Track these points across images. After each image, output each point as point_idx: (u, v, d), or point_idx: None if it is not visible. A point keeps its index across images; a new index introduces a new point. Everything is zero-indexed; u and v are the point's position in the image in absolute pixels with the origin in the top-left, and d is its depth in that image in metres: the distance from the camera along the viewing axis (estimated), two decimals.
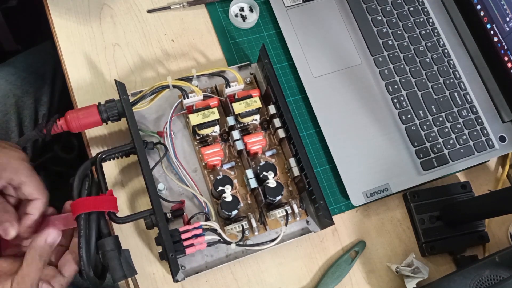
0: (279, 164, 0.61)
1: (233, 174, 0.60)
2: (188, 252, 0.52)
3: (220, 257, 0.57)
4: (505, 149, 0.69)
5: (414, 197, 0.65)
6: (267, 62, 0.61)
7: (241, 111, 0.59)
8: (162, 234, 0.52)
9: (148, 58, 0.66)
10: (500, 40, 0.70)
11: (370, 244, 0.64)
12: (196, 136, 0.60)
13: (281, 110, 0.60)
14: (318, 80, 0.68)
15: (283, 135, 0.60)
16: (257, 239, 0.58)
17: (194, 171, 0.60)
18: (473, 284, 0.54)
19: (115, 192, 0.59)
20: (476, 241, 0.64)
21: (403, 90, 0.69)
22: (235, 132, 0.59)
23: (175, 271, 0.51)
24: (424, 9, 0.74)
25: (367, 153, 0.66)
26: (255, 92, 0.61)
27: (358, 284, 0.62)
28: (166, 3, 0.70)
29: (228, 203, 0.55)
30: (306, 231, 0.60)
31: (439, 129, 0.68)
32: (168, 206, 0.57)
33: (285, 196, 0.60)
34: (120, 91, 0.56)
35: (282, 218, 0.57)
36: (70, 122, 0.55)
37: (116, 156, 0.56)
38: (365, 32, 0.72)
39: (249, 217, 0.58)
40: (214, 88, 0.63)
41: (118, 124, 0.61)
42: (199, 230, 0.53)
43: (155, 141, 0.59)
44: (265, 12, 0.72)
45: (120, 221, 0.54)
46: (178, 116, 0.62)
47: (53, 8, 0.66)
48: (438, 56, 0.72)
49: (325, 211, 0.56)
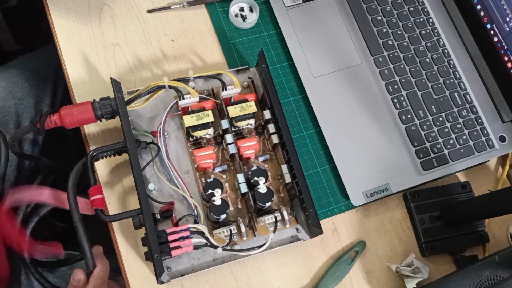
0: (272, 170, 0.61)
1: (225, 178, 0.60)
2: (174, 254, 0.52)
3: (207, 260, 0.57)
4: (505, 149, 0.69)
5: (414, 197, 0.65)
6: (265, 67, 0.61)
7: (236, 115, 0.60)
8: (148, 234, 0.52)
9: (148, 58, 0.66)
10: (500, 40, 0.70)
11: (370, 244, 0.63)
12: (190, 138, 0.60)
13: (276, 115, 0.60)
14: (318, 80, 0.68)
15: (276, 141, 0.60)
16: (246, 244, 0.58)
17: (186, 172, 0.60)
18: (473, 284, 0.54)
19: (107, 190, 0.59)
20: (476, 241, 0.64)
21: (403, 90, 0.69)
22: (229, 136, 0.59)
23: (160, 273, 0.51)
24: (424, 9, 0.74)
25: (367, 153, 0.66)
26: (251, 96, 0.61)
27: (358, 284, 0.62)
28: (166, 3, 0.70)
29: (217, 207, 0.55)
30: (295, 238, 0.59)
31: (439, 129, 0.68)
32: (157, 207, 0.57)
33: (276, 203, 0.60)
34: (115, 89, 0.57)
35: (271, 224, 0.57)
36: (64, 117, 0.56)
37: (108, 154, 0.56)
38: (365, 32, 0.72)
39: (238, 221, 0.58)
40: (210, 90, 0.63)
41: (114, 122, 0.61)
42: (186, 232, 0.53)
43: (148, 141, 0.59)
44: (265, 12, 0.72)
45: (108, 219, 0.54)
46: (172, 117, 0.62)
47: (53, 8, 0.66)
48: (438, 56, 0.72)
49: (314, 220, 0.56)
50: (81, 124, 0.58)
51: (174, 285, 0.57)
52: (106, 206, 0.59)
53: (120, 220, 0.56)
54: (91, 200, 0.55)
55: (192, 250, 0.54)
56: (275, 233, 0.57)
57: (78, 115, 0.56)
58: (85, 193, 0.56)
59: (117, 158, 0.60)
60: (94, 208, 0.54)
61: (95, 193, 0.55)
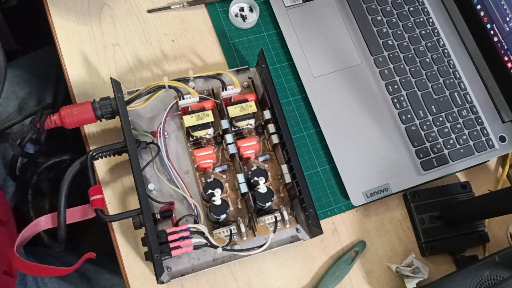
0: (272, 170, 0.61)
1: (225, 178, 0.60)
2: (174, 254, 0.52)
3: (207, 260, 0.57)
4: (505, 149, 0.69)
5: (414, 197, 0.65)
6: (265, 67, 0.61)
7: (236, 115, 0.60)
8: (148, 234, 0.52)
9: (148, 58, 0.66)
10: (500, 40, 0.70)
11: (370, 244, 0.63)
12: (190, 138, 0.60)
13: (276, 115, 0.60)
14: (318, 80, 0.68)
15: (276, 141, 0.60)
16: (246, 244, 0.57)
17: (186, 172, 0.60)
18: (473, 284, 0.54)
19: (107, 190, 0.59)
20: (476, 241, 0.64)
21: (403, 90, 0.69)
22: (228, 136, 0.59)
23: (160, 273, 0.51)
24: (424, 9, 0.74)
25: (367, 153, 0.66)
26: (251, 96, 0.61)
27: (358, 284, 0.62)
28: (166, 3, 0.70)
29: (217, 207, 0.55)
30: (295, 239, 0.59)
31: (439, 129, 0.68)
32: (157, 207, 0.57)
33: (276, 203, 0.60)
34: (115, 89, 0.57)
35: (271, 224, 0.57)
36: (64, 117, 0.56)
37: (108, 154, 0.56)
38: (365, 32, 0.72)
39: (238, 221, 0.58)
40: (210, 90, 0.63)
41: (114, 122, 0.61)
42: (186, 232, 0.53)
43: (148, 141, 0.59)
44: (265, 12, 0.72)
45: (108, 219, 0.54)
46: (172, 117, 0.62)
47: (53, 8, 0.66)
48: (438, 56, 0.72)
49: (314, 220, 0.56)
50: (81, 124, 0.58)
51: (174, 285, 0.57)
52: (106, 206, 0.59)
53: (120, 220, 0.56)
54: (91, 200, 0.55)
55: (192, 250, 0.54)
56: (275, 233, 0.57)
57: (78, 115, 0.56)
58: (85, 193, 0.56)
59: (117, 158, 0.60)
60: (94, 208, 0.54)
61: (95, 193, 0.55)
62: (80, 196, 0.61)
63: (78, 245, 0.98)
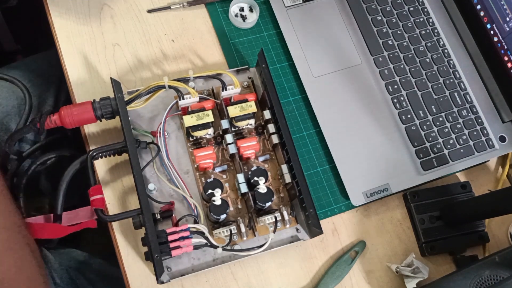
0: (272, 170, 0.61)
1: (225, 178, 0.60)
2: (174, 254, 0.52)
3: (207, 260, 0.57)
4: (505, 149, 0.69)
5: (414, 197, 0.65)
6: (265, 67, 0.61)
7: (236, 115, 0.60)
8: (148, 234, 0.52)
9: (148, 58, 0.66)
10: (500, 40, 0.70)
11: (370, 244, 0.63)
12: (190, 138, 0.60)
13: (276, 115, 0.60)
14: (318, 80, 0.68)
15: (276, 141, 0.60)
16: (246, 244, 0.57)
17: (186, 172, 0.60)
18: (473, 284, 0.54)
19: (107, 190, 0.59)
20: (476, 241, 0.64)
21: (403, 90, 0.69)
22: (228, 136, 0.59)
23: (160, 273, 0.51)
24: (424, 9, 0.74)
25: (367, 153, 0.66)
26: (251, 96, 0.61)
27: (358, 284, 0.62)
28: (166, 3, 0.70)
29: (217, 207, 0.55)
30: (295, 239, 0.59)
31: (439, 129, 0.68)
32: (157, 207, 0.57)
33: (276, 203, 0.60)
34: (115, 89, 0.57)
35: (271, 224, 0.57)
36: (64, 117, 0.56)
37: (108, 154, 0.56)
38: (365, 32, 0.72)
39: (238, 221, 0.58)
40: (210, 90, 0.63)
41: (114, 122, 0.61)
42: (186, 232, 0.53)
43: (148, 141, 0.59)
44: (265, 12, 0.72)
45: (108, 219, 0.54)
46: (172, 117, 0.62)
47: (53, 8, 0.66)
48: (438, 56, 0.72)
49: (314, 220, 0.56)
50: (81, 124, 0.58)
51: (174, 285, 0.57)
52: (106, 206, 0.59)
53: (120, 220, 0.56)
54: (91, 200, 0.55)
55: (192, 250, 0.54)
56: (275, 233, 0.57)
57: (78, 115, 0.56)
58: (85, 193, 0.56)
59: (117, 158, 0.60)
60: (94, 208, 0.54)
61: (95, 193, 0.55)
62: (80, 196, 0.61)
63: (78, 245, 0.98)
